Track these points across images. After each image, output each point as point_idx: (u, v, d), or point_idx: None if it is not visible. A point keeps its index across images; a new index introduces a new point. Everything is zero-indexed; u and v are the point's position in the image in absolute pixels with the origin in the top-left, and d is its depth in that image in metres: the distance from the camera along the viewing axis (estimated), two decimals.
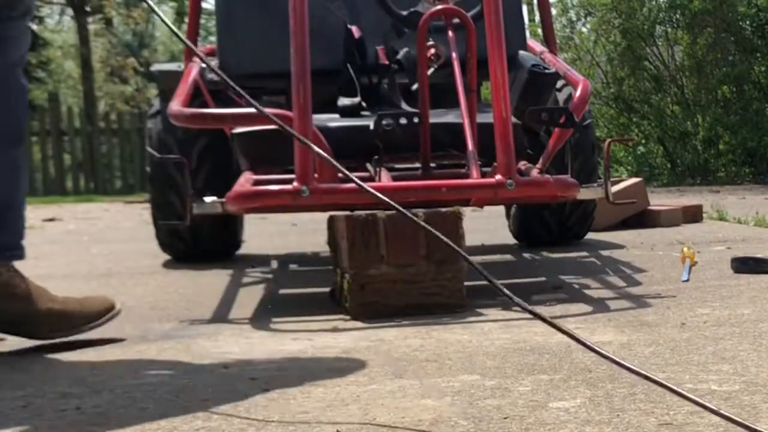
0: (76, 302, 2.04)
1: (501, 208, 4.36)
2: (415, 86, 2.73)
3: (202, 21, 3.70)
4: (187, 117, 2.57)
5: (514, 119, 2.50)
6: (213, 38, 4.89)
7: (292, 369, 1.71)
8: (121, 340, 2.07)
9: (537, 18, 7.55)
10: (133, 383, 1.64)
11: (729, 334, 1.86)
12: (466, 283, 2.32)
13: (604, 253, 3.51)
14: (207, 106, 3.17)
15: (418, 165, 2.80)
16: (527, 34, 3.76)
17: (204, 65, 3.38)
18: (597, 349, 1.25)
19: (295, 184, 2.30)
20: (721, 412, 1.16)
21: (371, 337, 2.00)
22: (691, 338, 1.84)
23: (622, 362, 1.23)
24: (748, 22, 10.70)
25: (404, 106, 2.90)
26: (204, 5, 4.02)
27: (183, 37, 1.73)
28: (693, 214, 4.82)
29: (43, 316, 1.97)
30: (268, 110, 2.65)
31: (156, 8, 1.70)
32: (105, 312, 2.06)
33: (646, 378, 1.21)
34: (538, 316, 1.31)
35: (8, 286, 1.95)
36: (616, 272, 2.93)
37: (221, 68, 3.36)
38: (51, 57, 21.99)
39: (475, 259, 3.51)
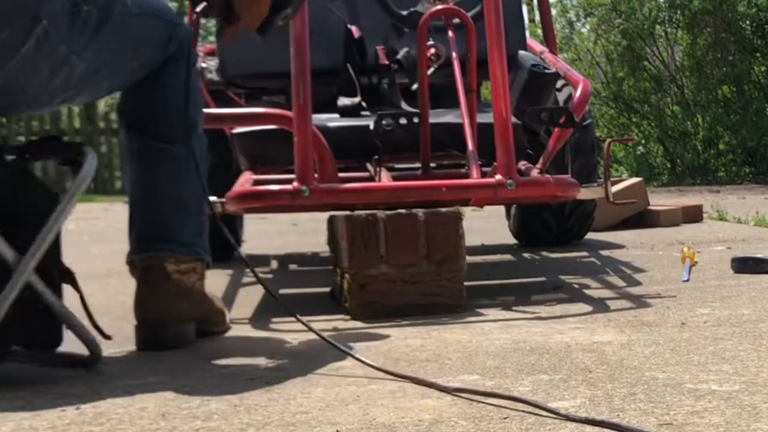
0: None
1: (501, 208, 4.36)
2: (415, 86, 2.73)
3: (202, 21, 3.69)
4: None
5: (514, 119, 2.50)
6: (213, 38, 4.88)
7: (292, 369, 1.71)
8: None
9: (537, 18, 7.56)
10: (133, 383, 1.64)
11: (729, 334, 1.86)
12: (466, 283, 2.31)
13: (604, 253, 3.51)
14: (207, 106, 3.17)
15: (418, 165, 2.80)
16: (527, 34, 3.76)
17: (204, 65, 3.39)
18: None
19: (295, 184, 2.30)
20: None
21: (371, 337, 2.00)
22: (691, 338, 1.84)
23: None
24: (748, 22, 10.71)
25: (404, 106, 2.90)
26: None
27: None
28: (693, 214, 4.82)
29: None
30: (266, 110, 2.65)
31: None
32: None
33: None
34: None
35: None
36: (616, 272, 2.93)
37: (221, 68, 3.36)
38: None
39: (475, 259, 3.52)
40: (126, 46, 1.85)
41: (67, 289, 1.79)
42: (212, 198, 2.68)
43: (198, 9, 1.90)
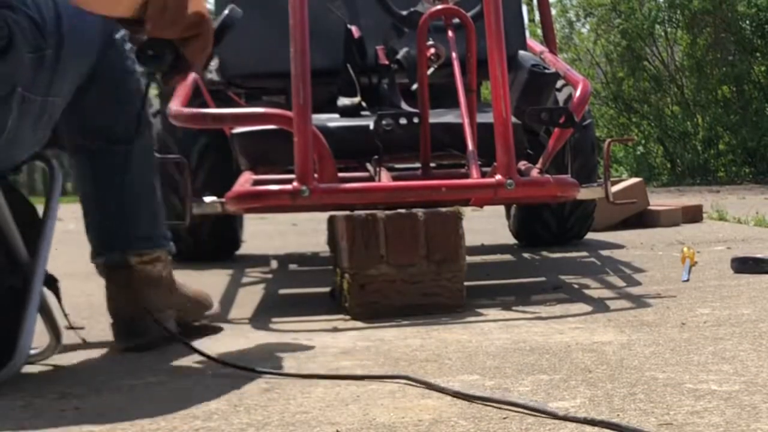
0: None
1: (501, 208, 4.37)
2: (415, 86, 2.74)
3: None
4: (187, 117, 2.57)
5: (514, 119, 2.50)
6: None
7: (291, 369, 1.71)
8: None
9: (537, 18, 7.56)
10: (133, 383, 1.64)
11: (729, 334, 1.86)
12: (466, 283, 2.31)
13: (604, 253, 3.51)
14: (207, 106, 3.17)
15: (418, 165, 2.80)
16: (527, 34, 3.77)
17: None
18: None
19: (295, 184, 2.30)
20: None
21: (371, 337, 2.00)
22: (691, 338, 1.84)
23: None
24: (748, 22, 10.71)
25: (404, 106, 2.90)
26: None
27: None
28: (693, 214, 4.82)
29: None
30: (266, 110, 2.65)
31: None
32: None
33: None
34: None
35: None
36: (616, 272, 2.93)
37: (221, 68, 3.36)
38: None
39: (475, 259, 3.52)
40: (81, 57, 1.80)
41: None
42: (212, 198, 2.69)
43: (149, 67, 1.81)
